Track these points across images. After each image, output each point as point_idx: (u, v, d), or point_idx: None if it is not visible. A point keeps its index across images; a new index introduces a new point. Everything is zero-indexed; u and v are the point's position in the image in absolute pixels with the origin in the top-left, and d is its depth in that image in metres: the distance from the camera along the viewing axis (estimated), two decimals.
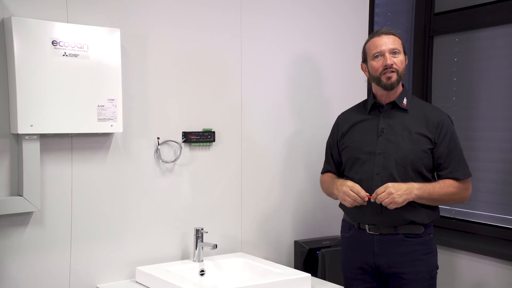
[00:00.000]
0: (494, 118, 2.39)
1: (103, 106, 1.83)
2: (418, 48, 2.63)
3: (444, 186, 1.81)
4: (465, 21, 2.45)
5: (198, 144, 2.13)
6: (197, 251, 2.05)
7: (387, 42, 1.84)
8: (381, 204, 1.78)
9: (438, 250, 1.91)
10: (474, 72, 2.45)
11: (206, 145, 2.16)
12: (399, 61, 1.83)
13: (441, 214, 2.55)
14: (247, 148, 2.27)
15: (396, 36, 1.86)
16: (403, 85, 1.90)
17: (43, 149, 1.77)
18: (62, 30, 1.75)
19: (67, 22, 1.80)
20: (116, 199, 1.95)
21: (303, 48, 2.41)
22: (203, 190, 2.16)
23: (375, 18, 2.80)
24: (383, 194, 1.75)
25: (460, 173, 1.83)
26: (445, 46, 2.56)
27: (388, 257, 1.83)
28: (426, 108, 1.89)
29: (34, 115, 1.71)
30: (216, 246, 1.98)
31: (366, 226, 1.86)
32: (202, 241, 2.04)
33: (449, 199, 1.86)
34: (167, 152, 2.07)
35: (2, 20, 1.70)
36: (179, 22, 2.08)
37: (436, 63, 2.59)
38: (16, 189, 1.76)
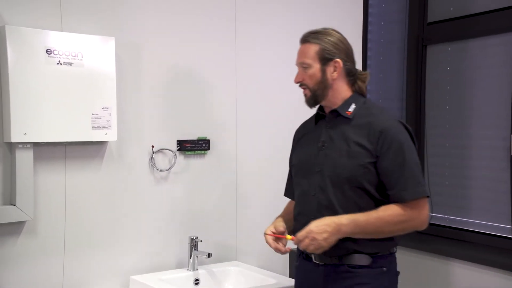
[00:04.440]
0: (487, 126, 2.41)
1: (97, 114, 1.83)
2: (412, 57, 2.65)
3: (384, 216, 1.45)
4: (458, 30, 2.47)
5: (192, 152, 2.13)
6: (191, 260, 2.04)
7: (299, 54, 1.59)
8: None
9: (431, 258, 1.84)
10: (467, 81, 2.47)
11: (200, 153, 2.16)
12: (307, 76, 1.56)
13: (435, 222, 2.57)
14: (242, 156, 2.27)
15: (310, 43, 1.56)
16: (354, 91, 1.60)
17: (36, 158, 1.76)
18: (56, 39, 1.75)
19: (62, 31, 1.80)
20: (110, 207, 1.94)
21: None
22: (197, 199, 2.15)
23: (369, 27, 2.83)
24: (306, 241, 1.44)
25: (409, 193, 1.46)
26: (438, 55, 2.58)
27: None
28: (373, 115, 1.55)
29: (28, 123, 1.70)
30: (210, 255, 1.98)
31: (312, 255, 1.57)
32: (196, 249, 2.04)
33: (393, 230, 1.48)
34: (161, 160, 2.06)
35: None
36: (174, 31, 2.08)
37: (430, 72, 2.61)
38: (9, 198, 1.74)
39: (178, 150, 2.09)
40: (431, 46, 2.60)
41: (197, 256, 2.04)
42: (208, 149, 2.17)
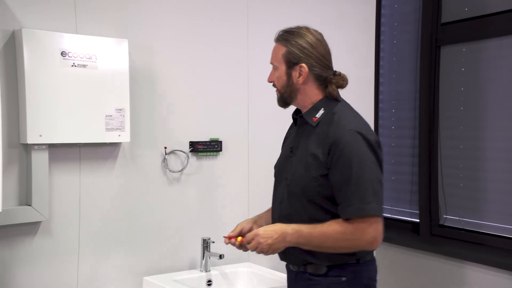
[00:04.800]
0: (502, 127, 2.38)
1: (111, 116, 1.85)
2: (425, 58, 2.63)
3: (327, 231, 1.39)
4: (472, 31, 2.44)
5: (205, 153, 2.14)
6: (204, 261, 2.04)
7: (271, 53, 1.55)
8: None
9: (446, 261, 1.85)
10: (482, 82, 2.45)
11: (213, 155, 2.16)
12: (276, 78, 1.53)
13: (449, 224, 2.54)
14: (254, 157, 2.27)
15: (280, 44, 1.51)
16: (327, 95, 1.51)
17: (51, 159, 1.78)
18: (71, 41, 1.77)
19: (76, 33, 1.82)
20: (124, 208, 1.96)
21: None
22: (210, 200, 2.16)
23: (382, 28, 2.81)
24: (252, 243, 1.45)
25: (352, 210, 1.37)
26: (452, 56, 2.56)
27: None
28: (334, 122, 1.45)
29: (43, 125, 1.72)
30: (223, 256, 1.98)
31: (289, 264, 1.59)
32: (209, 251, 2.04)
33: (335, 246, 1.41)
34: (174, 162, 2.07)
35: (13, 32, 1.72)
36: (186, 33, 2.09)
37: (443, 73, 2.59)
38: (25, 199, 1.77)
39: (190, 151, 2.10)
40: (445, 46, 2.58)
41: (209, 257, 2.04)
42: (220, 150, 2.17)
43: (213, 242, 2.06)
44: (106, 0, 1.90)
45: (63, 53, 1.75)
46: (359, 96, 2.54)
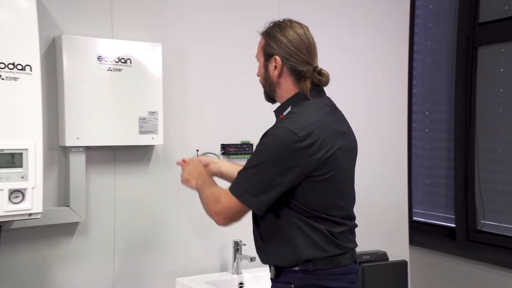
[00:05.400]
0: None
1: (144, 119, 1.88)
2: (461, 59, 2.57)
3: (212, 189, 1.47)
4: (511, 30, 2.37)
5: (236, 156, 2.15)
6: (235, 264, 2.05)
7: None
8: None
9: (485, 268, 1.81)
10: None
11: (244, 157, 2.17)
12: (258, 71, 1.52)
13: (487, 230, 2.46)
14: None
15: (262, 36, 1.51)
16: (299, 93, 1.44)
17: (88, 161, 1.83)
18: (107, 46, 1.82)
19: (112, 38, 1.87)
20: (157, 210, 1.99)
21: (342, 59, 2.40)
22: None
23: (415, 29, 2.76)
24: (183, 165, 1.60)
25: (231, 186, 1.41)
26: (490, 57, 2.48)
27: None
28: (282, 122, 1.39)
29: (80, 128, 1.77)
30: (254, 258, 1.98)
31: None
32: (240, 253, 2.04)
33: (203, 199, 1.50)
34: None
35: (54, 38, 1.78)
36: (218, 37, 2.11)
37: (481, 74, 2.52)
38: (64, 200, 1.82)
39: (222, 154, 2.12)
40: (483, 47, 2.51)
41: (241, 260, 2.05)
42: (251, 152, 2.18)
43: (245, 244, 2.06)
44: (141, 6, 1.94)
45: (99, 58, 1.80)
46: (392, 98, 2.50)
